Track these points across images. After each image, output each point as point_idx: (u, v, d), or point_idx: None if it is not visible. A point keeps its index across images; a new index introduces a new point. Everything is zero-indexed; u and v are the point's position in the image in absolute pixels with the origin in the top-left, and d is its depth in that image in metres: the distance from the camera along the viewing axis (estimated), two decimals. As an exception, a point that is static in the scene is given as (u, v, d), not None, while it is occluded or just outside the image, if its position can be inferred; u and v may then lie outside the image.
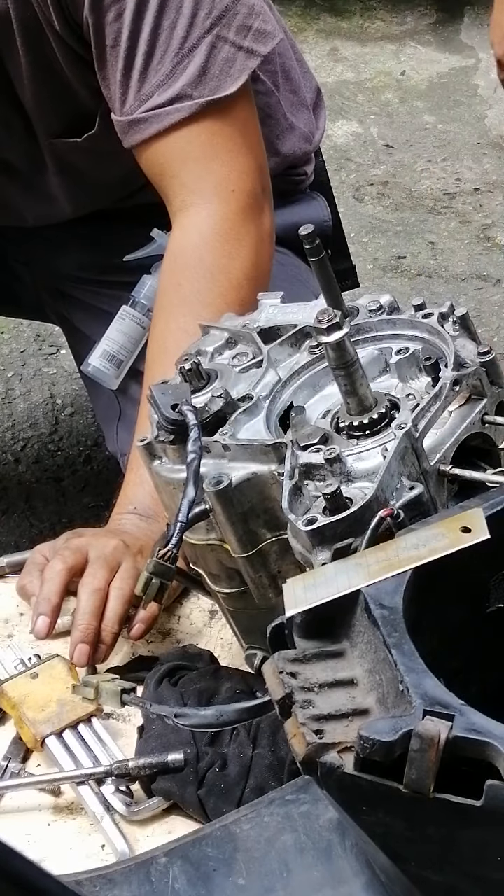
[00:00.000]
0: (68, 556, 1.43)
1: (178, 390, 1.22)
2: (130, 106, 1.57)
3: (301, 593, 0.98)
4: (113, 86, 1.58)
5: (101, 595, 1.40)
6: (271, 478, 1.15)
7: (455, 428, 1.13)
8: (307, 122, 1.88)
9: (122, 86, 1.57)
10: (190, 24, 1.54)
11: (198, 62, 1.55)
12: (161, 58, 1.54)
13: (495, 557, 1.01)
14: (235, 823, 1.05)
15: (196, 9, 1.54)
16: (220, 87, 1.56)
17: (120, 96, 1.57)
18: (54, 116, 1.69)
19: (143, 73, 1.55)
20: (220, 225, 1.57)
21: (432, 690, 0.85)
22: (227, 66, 1.56)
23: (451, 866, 0.86)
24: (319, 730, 0.88)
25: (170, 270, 1.63)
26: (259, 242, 1.61)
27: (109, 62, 1.56)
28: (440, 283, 2.97)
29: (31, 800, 1.29)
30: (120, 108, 1.58)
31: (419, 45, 4.04)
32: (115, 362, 1.82)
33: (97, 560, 1.42)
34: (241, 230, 1.58)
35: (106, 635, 1.39)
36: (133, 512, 1.51)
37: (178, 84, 1.55)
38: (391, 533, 1.03)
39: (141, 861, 1.05)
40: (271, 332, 1.29)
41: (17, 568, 1.55)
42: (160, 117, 1.56)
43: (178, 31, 1.54)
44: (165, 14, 1.53)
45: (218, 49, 1.55)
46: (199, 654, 1.37)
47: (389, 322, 1.23)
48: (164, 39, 1.54)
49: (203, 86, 1.55)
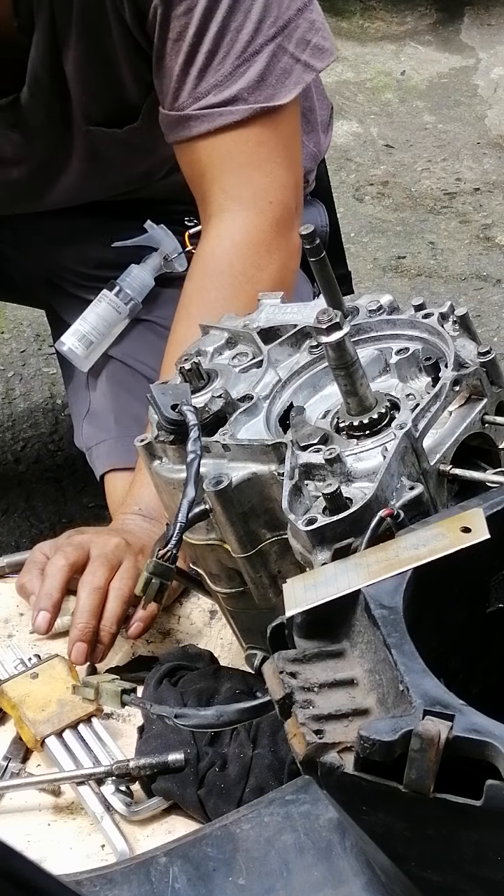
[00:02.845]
0: (70, 553, 1.43)
1: (178, 390, 1.22)
2: (184, 101, 1.57)
3: (301, 593, 0.98)
4: (168, 79, 1.58)
5: (101, 594, 1.40)
6: (271, 478, 1.15)
7: (455, 428, 1.13)
8: (317, 142, 1.90)
9: (179, 80, 1.57)
10: (255, 30, 1.55)
11: (258, 68, 1.55)
12: (223, 58, 1.55)
13: (495, 557, 1.01)
14: (235, 823, 1.05)
15: (263, 15, 1.55)
16: (274, 95, 1.56)
17: (174, 90, 1.57)
18: (98, 104, 1.69)
19: (203, 71, 1.56)
20: (253, 235, 1.57)
21: (432, 690, 0.85)
22: (284, 76, 1.57)
23: (452, 866, 0.86)
24: (319, 730, 0.88)
25: (198, 274, 1.63)
26: (288, 257, 1.61)
27: (169, 55, 1.56)
28: (440, 283, 2.97)
29: (31, 800, 1.29)
30: (172, 103, 1.58)
31: (419, 45, 4.04)
32: (85, 342, 1.83)
33: (98, 558, 1.42)
34: (273, 243, 1.59)
35: (104, 635, 1.39)
36: (138, 513, 1.51)
37: (235, 87, 1.55)
38: (391, 533, 1.03)
39: (141, 861, 1.05)
40: (271, 332, 1.29)
41: (16, 568, 1.55)
42: (212, 117, 1.57)
43: (244, 34, 1.55)
44: (234, 16, 1.54)
45: (278, 58, 1.56)
46: (199, 654, 1.37)
47: (389, 322, 1.23)
48: (228, 41, 1.54)
49: (259, 92, 1.56)
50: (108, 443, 1.78)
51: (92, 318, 1.82)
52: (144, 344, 1.83)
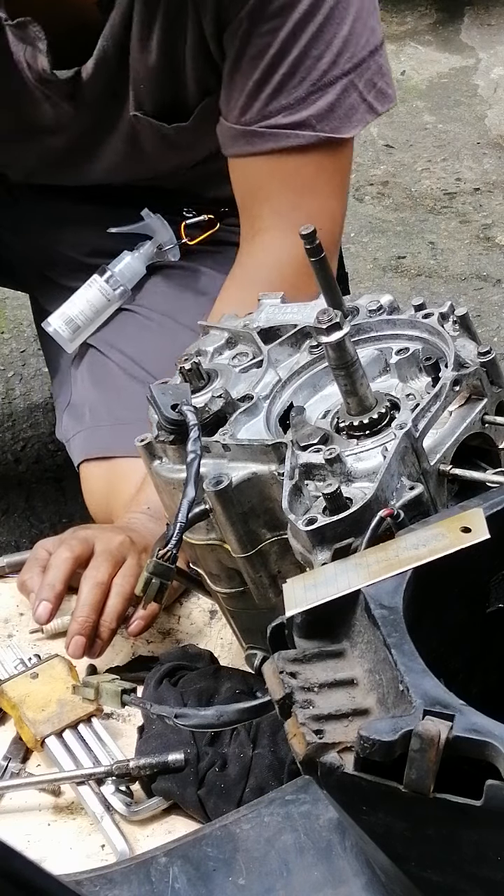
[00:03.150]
0: (75, 546, 1.44)
1: (178, 390, 1.22)
2: (252, 117, 1.61)
3: (301, 593, 0.98)
4: (238, 92, 1.61)
5: (103, 589, 1.40)
6: (271, 478, 1.15)
7: (455, 428, 1.13)
8: None
9: (250, 96, 1.60)
10: (333, 62, 1.58)
11: (329, 99, 1.59)
12: (299, 83, 1.58)
13: (495, 557, 1.01)
14: (235, 823, 1.05)
15: (342, 49, 1.59)
16: (340, 128, 1.61)
17: (243, 105, 1.61)
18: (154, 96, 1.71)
19: (277, 91, 1.59)
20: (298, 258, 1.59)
21: (432, 690, 0.85)
22: (350, 111, 1.61)
23: (452, 866, 0.86)
24: (319, 730, 0.88)
25: (238, 281, 1.66)
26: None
27: (244, 69, 1.60)
28: (440, 283, 2.97)
29: (31, 800, 1.29)
30: (239, 117, 1.62)
31: (419, 45, 4.03)
32: (72, 326, 1.84)
33: (102, 553, 1.43)
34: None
35: (104, 630, 1.39)
36: (146, 512, 1.52)
37: (305, 112, 1.59)
38: (391, 533, 1.03)
39: (141, 861, 1.05)
40: (271, 332, 1.29)
41: (16, 568, 1.55)
42: (278, 137, 1.60)
43: (322, 64, 1.58)
44: (316, 44, 1.58)
45: (348, 93, 1.60)
46: (199, 654, 1.37)
47: (389, 322, 1.23)
48: (306, 67, 1.58)
49: (326, 122, 1.60)
50: (82, 433, 1.79)
51: (80, 301, 1.84)
52: (123, 333, 1.84)
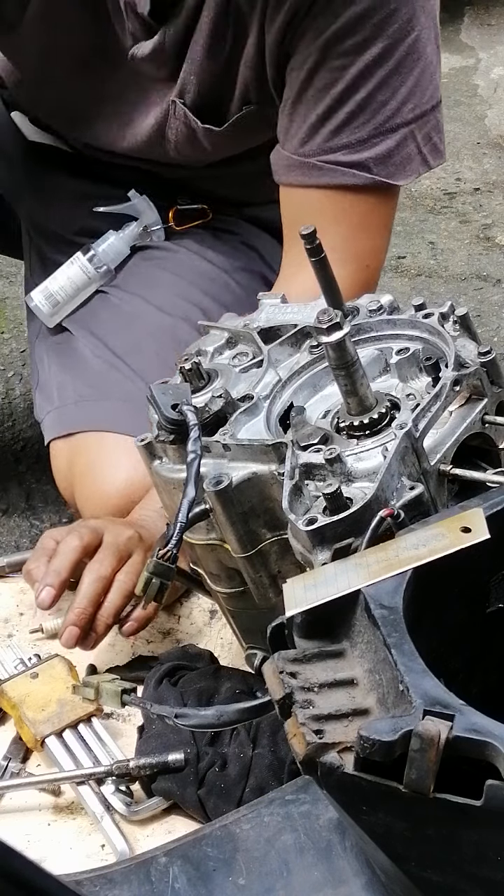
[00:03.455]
0: (84, 535, 1.44)
1: (178, 390, 1.22)
2: (311, 150, 1.63)
3: (301, 593, 0.98)
4: (298, 123, 1.63)
5: (105, 583, 1.40)
6: (271, 478, 1.15)
7: (455, 428, 1.13)
8: None
9: (313, 128, 1.62)
10: (397, 110, 1.61)
11: (389, 144, 1.62)
12: (363, 124, 1.61)
13: (495, 557, 1.01)
14: (235, 823, 1.05)
15: (407, 98, 1.61)
16: (394, 174, 1.64)
17: (304, 137, 1.63)
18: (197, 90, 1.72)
19: (340, 129, 1.61)
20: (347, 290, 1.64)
21: (432, 690, 0.85)
22: (406, 161, 1.64)
23: (452, 866, 0.86)
24: (319, 730, 0.88)
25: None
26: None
27: (309, 100, 1.62)
28: (440, 283, 2.97)
29: (31, 800, 1.29)
30: (298, 147, 1.64)
31: (419, 45, 4.03)
32: (52, 301, 1.86)
33: (109, 546, 1.43)
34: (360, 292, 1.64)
35: (99, 625, 1.39)
36: (158, 511, 1.52)
37: (365, 154, 1.62)
38: (391, 533, 1.03)
39: (141, 861, 1.05)
40: (271, 331, 1.29)
41: (16, 568, 1.56)
42: (336, 174, 1.63)
43: (387, 110, 1.61)
44: (383, 90, 1.60)
45: (407, 143, 1.63)
46: (199, 654, 1.37)
47: (390, 322, 1.23)
48: (372, 110, 1.61)
49: (383, 167, 1.63)
50: (51, 413, 1.81)
51: (62, 278, 1.85)
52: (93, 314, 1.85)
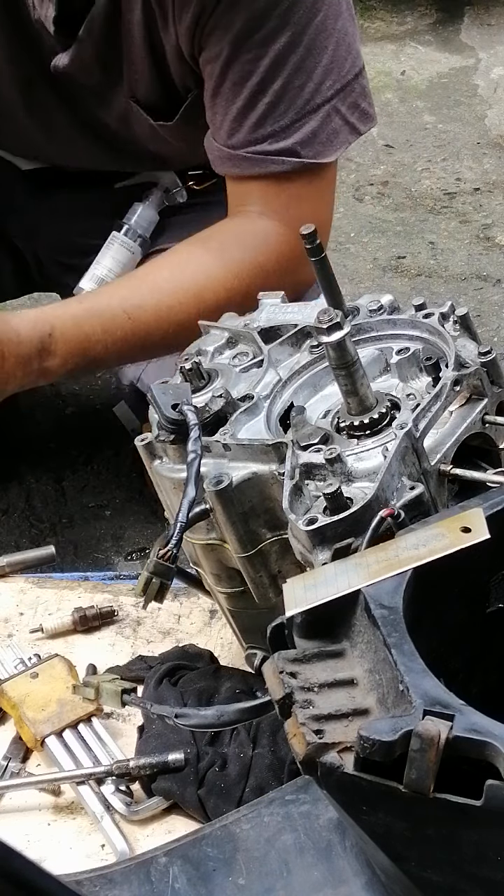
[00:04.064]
0: None
1: (178, 390, 1.22)
2: (238, 142, 1.66)
3: (301, 593, 0.98)
4: (222, 116, 1.66)
5: None
6: (272, 477, 1.15)
7: (455, 428, 1.13)
8: None
9: (235, 122, 1.66)
10: (316, 90, 1.64)
11: (312, 126, 1.65)
12: (284, 112, 1.64)
13: (495, 557, 1.01)
14: (235, 823, 1.05)
15: (324, 77, 1.64)
16: (322, 152, 1.67)
17: (229, 130, 1.66)
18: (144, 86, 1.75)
19: (262, 120, 1.64)
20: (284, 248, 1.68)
21: (432, 690, 0.85)
22: (333, 135, 1.67)
23: (452, 866, 0.86)
24: (319, 730, 0.88)
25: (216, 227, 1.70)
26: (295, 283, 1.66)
27: (225, 94, 1.65)
28: (440, 283, 2.97)
29: (31, 800, 1.29)
30: (226, 139, 1.67)
31: (419, 45, 4.03)
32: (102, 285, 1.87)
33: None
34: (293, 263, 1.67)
35: None
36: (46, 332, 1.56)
37: (290, 140, 1.65)
38: (391, 533, 1.03)
39: (141, 861, 1.05)
40: (272, 331, 1.29)
41: (17, 568, 1.56)
42: (264, 163, 1.66)
43: (305, 93, 1.64)
44: (298, 75, 1.63)
45: (331, 118, 1.66)
46: (199, 654, 1.37)
47: (390, 322, 1.23)
48: (290, 97, 1.64)
49: (310, 148, 1.66)
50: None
51: (107, 260, 1.87)
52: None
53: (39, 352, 1.56)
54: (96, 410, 2.50)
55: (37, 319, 1.58)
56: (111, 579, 1.60)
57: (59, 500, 2.34)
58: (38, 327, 1.57)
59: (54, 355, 1.58)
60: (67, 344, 1.58)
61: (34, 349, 1.56)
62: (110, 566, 2.17)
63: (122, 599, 1.50)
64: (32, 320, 1.58)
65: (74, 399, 2.56)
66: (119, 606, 1.48)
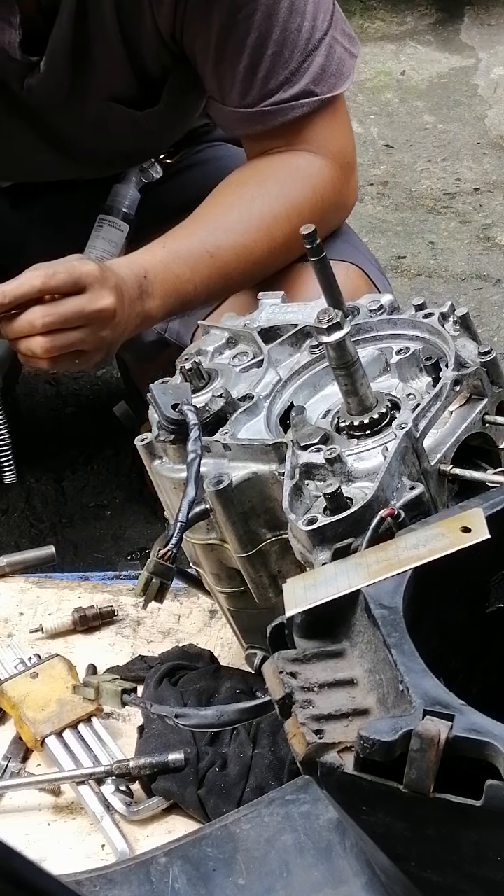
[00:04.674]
0: (59, 278, 1.53)
1: (178, 390, 1.22)
2: (253, 99, 1.68)
3: (301, 593, 0.98)
4: (230, 79, 1.68)
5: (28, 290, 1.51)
6: (272, 477, 1.15)
7: (455, 428, 1.13)
8: None
9: (245, 81, 1.67)
10: (313, 26, 1.66)
11: (319, 61, 1.68)
12: (289, 57, 1.66)
13: (495, 557, 1.01)
14: (235, 823, 1.05)
15: (316, 12, 1.67)
16: (336, 84, 1.70)
17: (241, 91, 1.68)
18: (121, 82, 1.75)
19: (271, 71, 1.66)
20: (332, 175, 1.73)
21: (432, 690, 0.85)
22: (340, 65, 1.70)
23: (452, 866, 0.86)
24: (319, 730, 0.88)
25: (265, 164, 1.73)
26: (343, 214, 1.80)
27: (229, 58, 1.66)
28: (440, 283, 2.97)
29: (31, 800, 1.29)
30: (240, 101, 1.69)
31: (419, 45, 4.03)
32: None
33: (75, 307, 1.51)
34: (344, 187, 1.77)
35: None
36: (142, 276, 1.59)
37: (302, 81, 1.67)
38: (391, 533, 1.03)
39: (141, 861, 1.05)
40: (272, 331, 1.29)
41: (16, 568, 1.56)
42: (285, 111, 1.69)
43: (304, 32, 1.66)
44: (293, 18, 1.65)
45: (334, 49, 1.69)
46: (199, 654, 1.37)
47: (390, 322, 1.23)
48: (291, 41, 1.66)
49: (323, 83, 1.69)
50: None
51: (99, 242, 1.88)
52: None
53: (140, 294, 1.60)
54: (96, 410, 2.50)
55: (130, 264, 1.63)
56: (111, 579, 1.60)
57: (59, 500, 2.34)
58: (135, 270, 1.61)
59: (153, 297, 1.62)
60: (163, 285, 1.62)
61: (137, 292, 1.60)
62: (110, 566, 2.17)
63: (122, 599, 1.50)
64: (127, 265, 1.62)
65: (74, 399, 2.56)
66: (119, 606, 1.48)
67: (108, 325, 1.55)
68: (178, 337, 1.82)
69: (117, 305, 1.54)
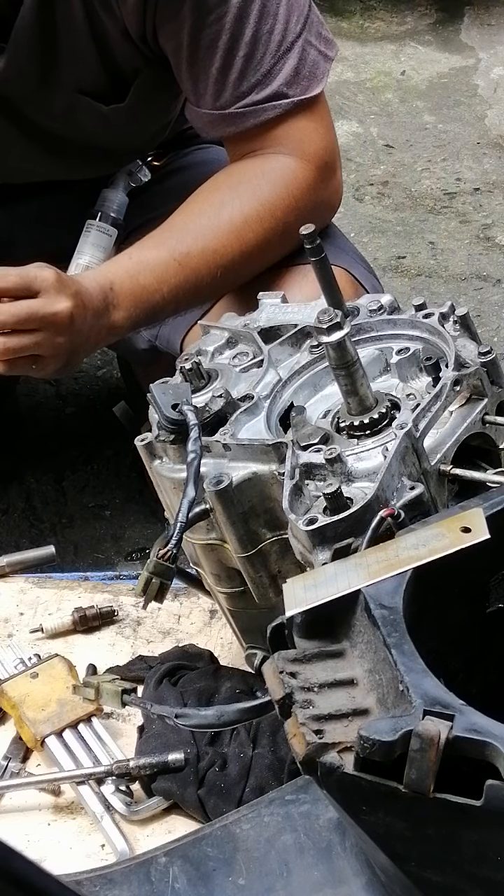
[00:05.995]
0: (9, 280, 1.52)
1: (178, 390, 1.22)
2: (226, 101, 1.68)
3: (301, 593, 0.98)
4: (203, 82, 1.68)
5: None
6: (272, 477, 1.15)
7: (455, 428, 1.13)
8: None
9: (218, 83, 1.67)
10: (285, 29, 1.66)
11: (291, 63, 1.68)
12: (261, 60, 1.66)
13: (495, 557, 1.01)
14: (235, 823, 1.05)
15: (289, 15, 1.67)
16: (309, 87, 1.69)
17: (214, 93, 1.68)
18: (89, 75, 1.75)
19: (243, 73, 1.66)
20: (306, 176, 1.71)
21: (432, 690, 0.85)
22: (314, 67, 1.69)
23: (451, 866, 0.86)
24: (319, 730, 0.88)
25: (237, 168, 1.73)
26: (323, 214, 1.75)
27: (201, 60, 1.66)
28: (440, 283, 2.97)
29: (31, 800, 1.29)
30: (213, 102, 1.69)
31: (419, 45, 4.03)
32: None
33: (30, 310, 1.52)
34: (323, 187, 1.74)
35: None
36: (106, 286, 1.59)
37: (275, 83, 1.67)
38: (391, 533, 1.03)
39: (141, 861, 1.05)
40: (272, 331, 1.29)
41: (16, 568, 1.56)
42: (257, 113, 1.68)
43: (276, 35, 1.66)
44: (264, 20, 1.65)
45: (307, 52, 1.69)
46: (199, 654, 1.37)
47: (390, 322, 1.23)
48: (263, 43, 1.66)
49: (296, 86, 1.69)
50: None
51: (87, 248, 1.88)
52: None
53: (106, 306, 1.61)
54: (96, 410, 2.50)
55: (96, 276, 1.63)
56: (111, 579, 1.60)
57: (59, 500, 2.34)
58: (100, 282, 1.61)
59: (118, 308, 1.62)
60: (128, 296, 1.62)
61: (102, 303, 1.60)
62: (110, 566, 2.17)
63: (122, 599, 1.50)
64: (92, 277, 1.63)
65: (74, 399, 2.56)
66: (119, 606, 1.48)
67: (65, 332, 1.54)
68: (168, 345, 1.82)
69: (75, 312, 1.54)
